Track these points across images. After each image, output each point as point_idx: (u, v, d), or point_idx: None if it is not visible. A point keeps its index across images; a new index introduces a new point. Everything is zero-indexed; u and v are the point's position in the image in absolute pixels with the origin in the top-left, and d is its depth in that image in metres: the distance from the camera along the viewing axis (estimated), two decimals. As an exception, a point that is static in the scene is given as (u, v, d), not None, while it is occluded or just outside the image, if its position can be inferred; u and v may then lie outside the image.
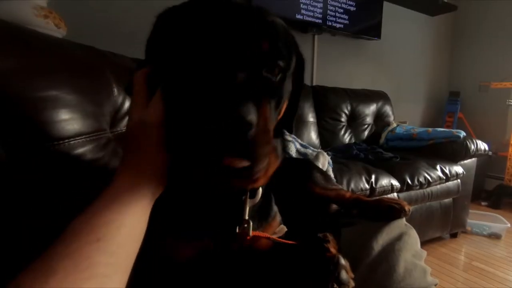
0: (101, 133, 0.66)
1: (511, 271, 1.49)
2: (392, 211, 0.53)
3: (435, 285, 0.44)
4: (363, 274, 0.42)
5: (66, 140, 0.57)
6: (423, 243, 1.67)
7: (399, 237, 0.47)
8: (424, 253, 0.49)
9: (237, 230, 0.39)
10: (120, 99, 0.79)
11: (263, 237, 0.42)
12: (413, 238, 0.49)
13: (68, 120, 0.57)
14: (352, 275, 0.37)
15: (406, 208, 0.53)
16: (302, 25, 1.95)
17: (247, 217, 0.39)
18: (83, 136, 0.60)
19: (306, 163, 0.71)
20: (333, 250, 0.41)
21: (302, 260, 0.43)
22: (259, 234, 0.41)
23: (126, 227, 0.26)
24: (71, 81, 0.60)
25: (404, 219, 0.53)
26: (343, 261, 0.38)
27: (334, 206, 0.68)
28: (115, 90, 0.77)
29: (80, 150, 0.59)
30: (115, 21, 1.45)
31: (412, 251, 0.46)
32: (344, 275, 0.35)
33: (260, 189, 0.42)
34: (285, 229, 0.46)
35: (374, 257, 0.44)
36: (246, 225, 0.39)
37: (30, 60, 0.54)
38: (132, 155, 0.31)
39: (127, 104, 0.82)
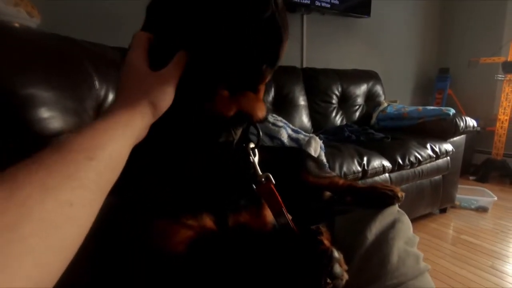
0: (85, 130, 0.64)
1: (497, 242, 1.55)
2: (385, 198, 0.53)
3: (427, 270, 0.44)
4: (357, 265, 0.42)
5: (52, 138, 0.54)
6: (414, 220, 1.72)
7: (392, 225, 0.48)
8: (416, 238, 0.49)
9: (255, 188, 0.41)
10: (102, 92, 0.76)
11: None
12: (406, 224, 0.50)
13: (49, 119, 0.54)
14: (346, 267, 0.37)
15: (399, 194, 0.53)
16: (290, 4, 1.88)
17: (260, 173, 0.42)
18: (65, 135, 0.57)
19: (298, 152, 0.70)
20: (326, 242, 0.41)
21: (295, 253, 0.42)
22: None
23: (115, 155, 0.28)
24: (48, 77, 0.57)
25: (397, 205, 0.54)
26: (336, 254, 0.38)
27: (328, 193, 0.68)
28: (97, 83, 0.74)
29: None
30: (93, 8, 1.37)
31: (405, 238, 0.47)
32: (337, 268, 0.35)
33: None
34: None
35: (368, 246, 0.44)
36: (264, 179, 0.41)
37: (5, 56, 0.51)
38: (130, 92, 0.32)
39: (110, 97, 0.79)
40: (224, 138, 0.41)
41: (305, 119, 1.81)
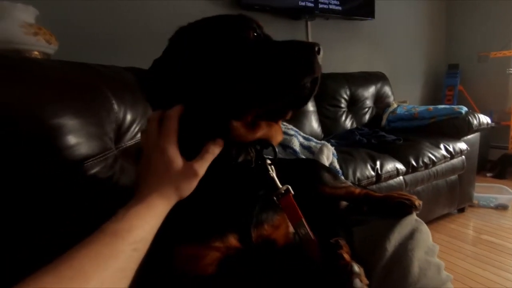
0: (107, 153, 0.67)
1: (520, 241, 1.51)
2: (402, 207, 0.54)
3: (450, 280, 0.45)
4: (378, 279, 0.43)
5: (80, 164, 0.58)
6: (432, 221, 1.70)
7: (411, 235, 0.48)
8: (436, 247, 0.50)
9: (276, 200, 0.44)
10: (121, 114, 0.79)
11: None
12: (425, 233, 0.50)
13: (75, 146, 0.57)
14: (367, 282, 0.38)
15: (417, 203, 0.53)
16: (294, 12, 1.91)
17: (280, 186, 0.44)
18: (91, 159, 0.61)
19: (313, 164, 0.71)
20: (346, 256, 0.42)
21: (316, 267, 0.44)
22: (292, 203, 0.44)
23: (152, 231, 0.34)
24: (73, 105, 0.60)
25: (414, 214, 0.54)
26: (356, 269, 0.39)
27: (344, 203, 0.69)
28: (115, 106, 0.77)
29: (92, 172, 0.60)
30: (105, 31, 1.42)
31: (425, 247, 0.47)
32: (358, 283, 0.36)
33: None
34: None
35: (388, 259, 0.45)
36: (284, 191, 0.44)
37: (32, 90, 0.54)
38: (161, 180, 0.37)
39: (128, 117, 0.82)
40: (243, 157, 0.44)
41: (314, 125, 1.81)
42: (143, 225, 0.32)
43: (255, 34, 0.40)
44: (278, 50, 0.37)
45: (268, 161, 0.47)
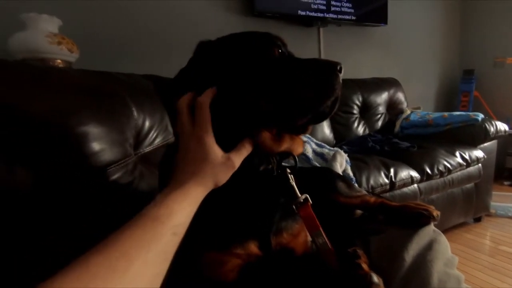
0: (128, 159, 0.69)
1: (540, 253, 1.46)
2: (420, 217, 0.53)
3: (470, 293, 0.44)
4: (398, 290, 0.43)
5: (104, 170, 0.60)
6: (447, 230, 1.66)
7: (429, 246, 0.48)
8: (455, 259, 0.49)
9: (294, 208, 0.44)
10: (140, 121, 0.82)
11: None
12: (443, 244, 0.50)
13: (100, 152, 0.60)
14: (387, 292, 0.38)
15: (435, 213, 0.53)
16: (306, 19, 1.92)
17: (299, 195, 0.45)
18: (113, 165, 0.63)
19: (327, 173, 0.71)
20: (364, 266, 0.42)
21: (334, 276, 0.44)
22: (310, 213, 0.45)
23: (189, 216, 0.35)
24: (97, 113, 0.63)
25: (432, 224, 0.54)
26: (375, 279, 0.39)
27: (359, 212, 0.69)
28: (135, 113, 0.80)
29: (114, 177, 0.62)
30: (123, 40, 1.47)
31: (444, 259, 0.47)
32: (378, 294, 0.36)
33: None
34: None
35: (406, 270, 0.45)
36: (302, 200, 0.45)
37: (61, 99, 0.57)
38: (201, 169, 0.37)
39: (147, 123, 0.84)
40: (264, 166, 0.45)
41: (327, 131, 1.81)
42: (181, 210, 0.34)
43: (280, 51, 0.42)
44: (302, 71, 0.38)
45: (288, 170, 0.48)
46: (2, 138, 0.44)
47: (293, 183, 0.46)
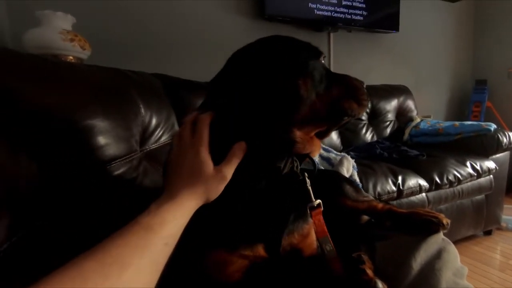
0: (133, 155, 0.69)
1: (553, 270, 1.41)
2: (429, 225, 0.52)
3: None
4: (404, 297, 0.41)
5: (108, 165, 0.60)
6: (455, 242, 1.60)
7: (438, 255, 0.46)
8: (465, 269, 0.47)
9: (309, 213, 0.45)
10: (147, 118, 0.82)
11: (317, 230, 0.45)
12: (453, 254, 0.48)
13: (105, 146, 0.59)
14: (392, 299, 0.36)
15: (445, 221, 0.51)
16: (317, 24, 1.92)
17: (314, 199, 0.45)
18: (118, 160, 0.63)
19: (334, 176, 0.70)
20: (369, 272, 0.41)
21: (338, 280, 0.43)
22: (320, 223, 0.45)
23: (181, 228, 0.35)
24: (104, 108, 0.63)
25: (441, 233, 0.52)
26: (380, 285, 0.38)
27: (365, 217, 0.67)
28: (142, 110, 0.80)
29: (118, 172, 0.62)
30: (134, 38, 1.49)
31: (453, 269, 0.45)
32: (382, 300, 0.35)
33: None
34: None
35: (414, 277, 0.43)
36: (316, 205, 0.45)
37: (70, 92, 0.57)
38: (193, 182, 0.38)
39: (153, 121, 0.84)
40: (287, 169, 0.44)
41: (334, 136, 1.79)
42: (173, 221, 0.34)
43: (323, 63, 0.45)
44: (337, 85, 0.44)
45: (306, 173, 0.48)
46: (8, 126, 0.44)
47: (309, 187, 0.46)
